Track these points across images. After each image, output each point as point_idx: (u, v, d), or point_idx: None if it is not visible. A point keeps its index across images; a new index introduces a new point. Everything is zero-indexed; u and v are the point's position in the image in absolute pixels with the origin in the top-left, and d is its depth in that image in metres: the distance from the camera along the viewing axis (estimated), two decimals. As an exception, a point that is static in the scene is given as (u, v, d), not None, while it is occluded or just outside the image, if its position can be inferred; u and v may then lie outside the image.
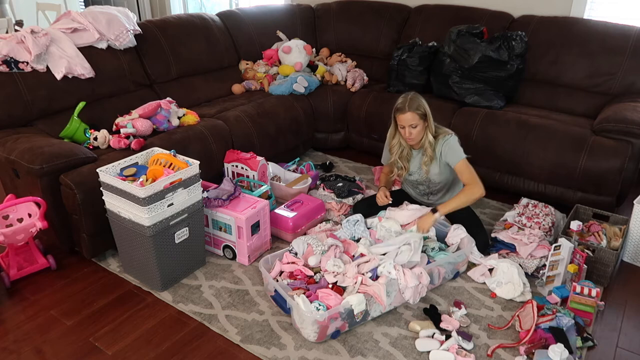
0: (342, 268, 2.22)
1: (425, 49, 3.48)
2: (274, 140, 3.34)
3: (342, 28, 4.12)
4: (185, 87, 3.43)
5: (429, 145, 2.51)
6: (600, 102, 3.15)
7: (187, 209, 2.28)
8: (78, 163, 2.39)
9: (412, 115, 2.43)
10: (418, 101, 2.45)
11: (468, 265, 2.47)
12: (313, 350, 2.00)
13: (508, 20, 3.51)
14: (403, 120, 2.46)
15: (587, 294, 2.10)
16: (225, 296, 2.30)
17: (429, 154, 2.52)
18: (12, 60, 2.64)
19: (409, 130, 2.46)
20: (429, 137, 2.50)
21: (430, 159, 2.54)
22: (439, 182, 2.64)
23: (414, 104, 2.43)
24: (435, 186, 2.68)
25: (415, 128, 2.46)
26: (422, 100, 2.47)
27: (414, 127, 2.46)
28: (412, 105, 2.43)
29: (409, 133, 2.47)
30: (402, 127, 2.49)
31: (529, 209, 2.73)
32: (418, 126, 2.46)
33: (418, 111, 2.43)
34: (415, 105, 2.43)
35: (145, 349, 2.02)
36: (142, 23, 3.32)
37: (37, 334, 2.10)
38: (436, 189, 2.69)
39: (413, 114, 2.43)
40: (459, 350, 1.94)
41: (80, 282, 2.42)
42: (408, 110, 2.42)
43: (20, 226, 2.33)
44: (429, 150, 2.52)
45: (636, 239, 2.53)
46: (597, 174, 2.74)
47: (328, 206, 2.90)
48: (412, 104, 2.43)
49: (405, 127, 2.47)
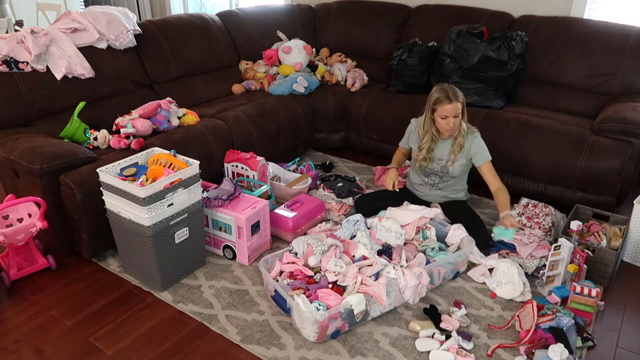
0: (344, 268, 2.22)
1: (425, 49, 3.48)
2: (274, 140, 3.34)
3: (342, 28, 4.12)
4: (185, 87, 3.43)
5: (462, 133, 2.56)
6: (600, 102, 3.15)
7: (187, 209, 2.28)
8: (78, 163, 2.39)
9: (457, 105, 2.48)
10: (459, 92, 2.52)
11: (468, 265, 2.47)
12: (313, 350, 2.00)
13: (508, 20, 3.51)
14: (449, 111, 2.49)
15: (587, 294, 2.10)
16: (225, 296, 2.30)
17: (460, 143, 2.57)
18: (12, 60, 2.64)
19: (453, 120, 2.50)
20: (463, 126, 2.56)
21: (460, 148, 2.58)
22: (457, 174, 2.68)
23: (458, 95, 2.49)
24: (449, 179, 2.71)
25: (457, 117, 2.51)
26: (459, 90, 2.53)
27: (457, 116, 2.50)
28: (457, 95, 2.49)
29: (452, 123, 2.51)
30: (444, 117, 2.52)
31: (529, 209, 2.73)
32: (459, 116, 2.52)
33: (461, 100, 2.50)
34: (459, 95, 2.50)
35: (145, 349, 2.02)
36: (142, 23, 3.32)
37: (37, 334, 2.10)
38: (447, 181, 2.72)
39: (458, 104, 2.48)
40: (459, 350, 1.94)
41: (80, 282, 2.42)
42: (454, 101, 2.47)
43: (20, 226, 2.33)
44: (461, 139, 2.57)
45: (636, 239, 2.53)
46: (597, 174, 2.74)
47: (328, 206, 2.90)
48: (456, 95, 2.49)
49: (448, 117, 2.50)
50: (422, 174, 2.80)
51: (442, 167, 2.67)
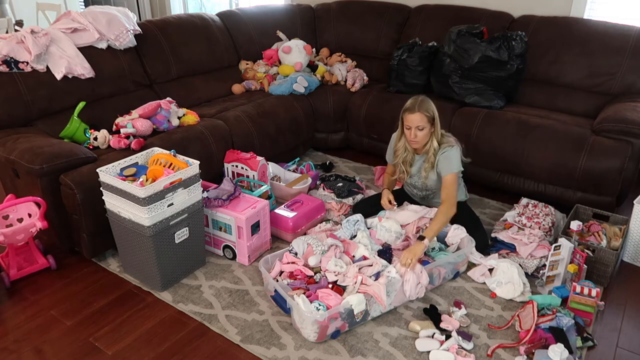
0: (344, 268, 2.22)
1: (425, 49, 3.48)
2: (274, 140, 3.34)
3: (342, 28, 4.12)
4: (185, 87, 3.43)
5: (433, 152, 2.49)
6: (600, 102, 3.15)
7: (187, 209, 2.28)
8: (78, 163, 2.39)
9: (421, 116, 2.41)
10: (428, 104, 2.44)
11: (468, 265, 2.47)
12: (313, 350, 2.00)
13: (508, 20, 3.51)
14: (410, 121, 2.44)
15: (587, 294, 2.10)
16: (225, 296, 2.30)
17: (431, 161, 2.51)
18: (12, 60, 2.64)
19: (415, 132, 2.44)
20: (434, 144, 2.48)
21: (431, 166, 2.52)
22: (435, 188, 2.63)
23: (423, 106, 2.42)
24: (432, 192, 2.68)
25: (421, 130, 2.44)
26: (431, 105, 2.45)
27: (421, 129, 2.44)
28: (422, 106, 2.42)
29: (414, 135, 2.45)
30: (408, 127, 2.46)
31: (529, 209, 2.73)
32: (425, 129, 2.44)
33: (427, 113, 2.42)
34: (424, 107, 2.42)
35: (145, 349, 2.02)
36: (142, 23, 3.32)
37: (37, 334, 2.10)
38: (432, 194, 2.69)
39: (422, 115, 2.41)
40: (459, 350, 1.94)
41: (80, 282, 2.42)
42: (417, 111, 2.41)
43: (20, 226, 2.33)
44: (432, 157, 2.50)
45: (636, 239, 2.53)
46: (597, 174, 2.74)
47: (328, 206, 2.90)
48: (422, 106, 2.42)
49: (411, 128, 2.45)
50: (410, 187, 2.77)
51: (422, 183, 2.64)
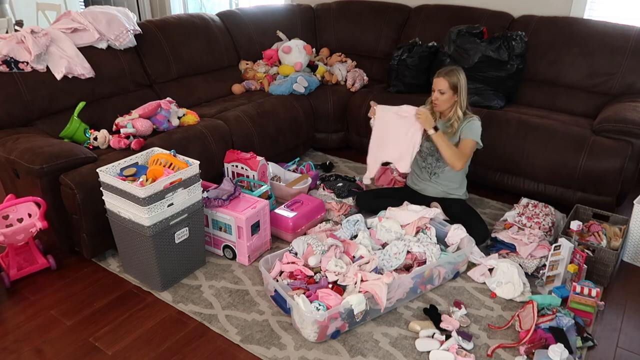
0: (344, 268, 2.23)
1: (425, 49, 3.48)
2: (274, 140, 3.34)
3: (342, 28, 4.12)
4: (185, 87, 3.43)
5: (457, 119, 2.61)
6: (600, 102, 3.15)
7: (187, 209, 2.28)
8: (78, 163, 2.39)
9: (444, 81, 2.56)
10: (456, 73, 2.58)
11: (468, 265, 2.47)
12: (313, 350, 2.00)
13: (508, 20, 3.51)
14: (435, 84, 2.60)
15: (587, 294, 2.10)
16: (225, 296, 2.30)
17: (454, 127, 2.62)
18: (12, 60, 2.64)
19: (437, 94, 2.60)
20: (457, 112, 2.61)
21: (453, 132, 2.63)
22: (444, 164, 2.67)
23: (450, 74, 2.57)
24: (444, 164, 2.70)
25: (443, 95, 2.59)
26: (460, 75, 2.58)
27: (442, 93, 2.58)
28: (448, 74, 2.57)
29: (435, 97, 2.61)
30: (433, 90, 2.62)
31: (529, 209, 2.73)
32: (446, 94, 2.58)
33: (450, 80, 2.56)
34: (450, 74, 2.57)
35: (145, 349, 2.02)
36: (142, 23, 3.32)
37: (37, 334, 2.10)
38: (443, 166, 2.72)
39: (444, 80, 2.56)
40: (459, 350, 1.94)
41: (80, 282, 2.42)
42: (441, 76, 2.57)
43: (20, 226, 2.33)
44: (455, 124, 2.62)
45: (636, 239, 2.53)
46: (597, 174, 2.74)
47: (328, 206, 2.90)
48: (449, 73, 2.57)
49: (435, 91, 2.60)
50: (420, 157, 2.80)
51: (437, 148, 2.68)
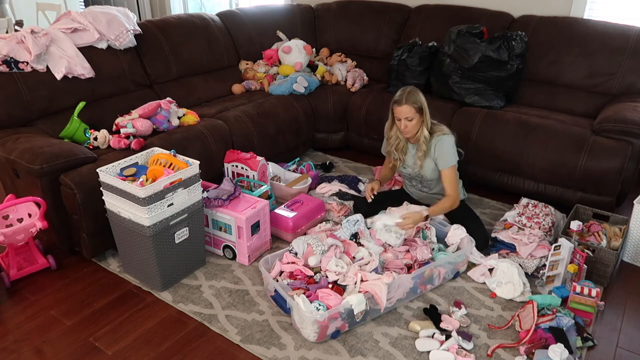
0: (344, 268, 2.23)
1: (425, 49, 3.48)
2: (274, 140, 3.34)
3: (342, 28, 4.12)
4: (185, 87, 3.43)
5: (424, 140, 2.55)
6: (600, 102, 3.15)
7: (187, 209, 2.28)
8: (78, 163, 2.39)
9: (409, 108, 2.47)
10: (415, 95, 2.49)
11: (468, 265, 2.47)
12: (313, 350, 2.00)
13: (508, 20, 3.51)
14: (399, 113, 2.50)
15: (587, 294, 2.10)
16: (225, 296, 2.30)
17: (423, 150, 2.56)
18: (12, 60, 2.64)
19: (405, 122, 2.51)
20: (424, 132, 2.54)
21: (424, 154, 2.57)
22: (431, 178, 2.66)
23: (411, 97, 2.47)
24: (428, 182, 2.69)
25: (410, 121, 2.50)
26: (419, 95, 2.51)
27: (410, 120, 2.49)
28: (410, 98, 2.47)
29: (404, 126, 2.52)
30: (398, 119, 2.54)
31: (529, 209, 2.73)
32: (414, 119, 2.50)
33: (415, 105, 2.47)
34: (412, 98, 2.47)
35: (145, 349, 2.02)
36: (142, 23, 3.32)
37: (37, 334, 2.10)
38: (429, 184, 2.71)
39: (410, 107, 2.47)
40: (459, 350, 1.94)
41: (80, 282, 2.42)
42: (405, 103, 2.47)
43: (20, 226, 2.33)
44: (423, 145, 2.56)
45: (636, 239, 2.53)
46: (597, 174, 2.74)
47: (328, 206, 2.90)
48: (410, 97, 2.47)
49: (401, 120, 2.51)
50: (406, 179, 2.82)
51: (417, 172, 2.66)
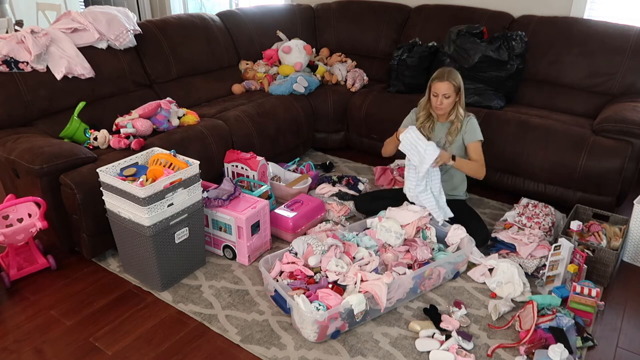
0: (345, 268, 2.23)
1: (425, 49, 3.48)
2: (274, 140, 3.34)
3: (342, 28, 4.12)
4: (185, 87, 3.43)
5: (458, 118, 2.64)
6: (600, 102, 3.15)
7: (187, 209, 2.28)
8: (78, 163, 2.39)
9: (449, 85, 2.56)
10: (455, 74, 2.60)
11: (468, 265, 2.47)
12: (313, 350, 2.00)
13: (508, 20, 3.51)
14: (438, 88, 2.58)
15: (587, 294, 2.10)
16: (225, 296, 2.30)
17: (457, 127, 2.65)
18: (12, 60, 2.64)
19: (442, 99, 2.58)
20: (459, 111, 2.64)
21: (457, 131, 2.65)
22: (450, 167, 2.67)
23: (452, 75, 2.58)
24: (447, 170, 2.71)
25: (447, 98, 2.58)
26: (459, 75, 2.61)
27: (447, 97, 2.58)
28: (450, 76, 2.57)
29: (440, 102, 2.59)
30: (435, 94, 2.61)
31: (529, 209, 2.73)
32: (450, 97, 2.59)
33: (455, 83, 2.57)
34: (452, 76, 2.58)
35: (145, 349, 2.02)
36: (142, 23, 3.32)
37: (37, 334, 2.10)
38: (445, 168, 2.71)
39: (449, 83, 2.56)
40: (459, 350, 1.94)
41: (80, 282, 2.42)
42: (446, 79, 2.56)
43: (20, 226, 2.33)
44: (457, 123, 2.65)
45: (636, 239, 2.53)
46: (597, 174, 2.74)
47: (328, 207, 2.90)
48: (451, 75, 2.58)
49: (438, 96, 2.59)
50: None
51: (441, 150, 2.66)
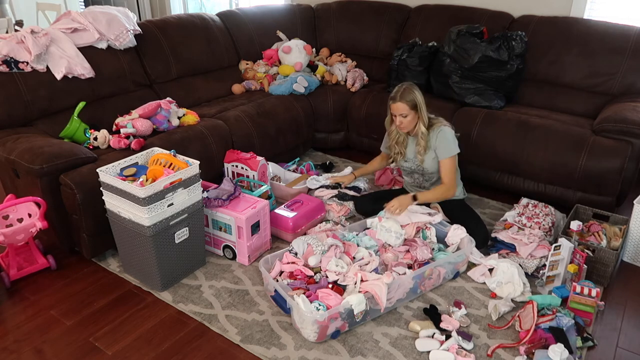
0: (345, 268, 2.23)
1: (425, 49, 3.48)
2: (274, 140, 3.34)
3: (342, 28, 4.12)
4: (185, 87, 3.43)
5: (422, 135, 2.59)
6: (600, 102, 3.15)
7: (187, 209, 2.28)
8: (78, 163, 2.39)
9: (403, 105, 2.52)
10: (410, 92, 2.53)
11: (468, 265, 2.47)
12: (313, 350, 2.00)
13: (508, 20, 3.51)
14: (394, 109, 2.57)
15: (587, 294, 2.10)
16: (225, 296, 2.30)
17: (422, 145, 2.61)
18: (12, 60, 2.64)
19: (400, 119, 2.57)
20: (421, 128, 2.59)
21: (424, 149, 2.62)
22: (432, 171, 2.69)
23: (405, 95, 2.52)
24: (430, 175, 2.71)
25: (405, 117, 2.55)
26: (414, 92, 2.54)
27: (404, 116, 2.55)
28: (404, 95, 2.52)
29: (399, 122, 2.58)
30: (393, 115, 2.59)
31: (529, 209, 2.73)
32: (408, 116, 2.55)
33: (409, 102, 2.52)
34: (406, 96, 2.52)
35: (145, 349, 2.02)
36: (142, 23, 3.32)
37: (37, 334, 2.10)
38: (431, 177, 2.73)
39: (403, 104, 2.52)
40: (459, 350, 1.94)
41: (80, 282, 2.42)
42: (399, 100, 2.52)
43: (20, 226, 2.33)
44: (421, 141, 2.61)
45: (636, 239, 2.53)
46: (597, 174, 2.74)
47: (328, 207, 2.90)
48: (404, 95, 2.52)
49: (396, 116, 2.57)
50: (406, 174, 2.84)
51: (417, 165, 2.70)
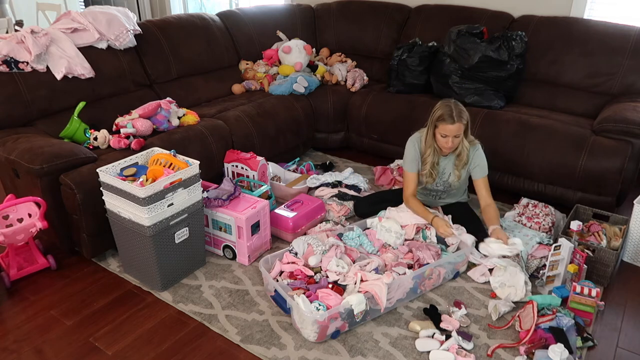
0: (345, 269, 2.23)
1: (425, 49, 3.48)
2: (274, 140, 3.34)
3: (342, 28, 4.12)
4: (185, 87, 3.43)
5: (465, 151, 2.50)
6: (600, 102, 3.15)
7: (187, 209, 2.28)
8: (78, 163, 2.39)
9: (459, 126, 2.39)
10: (463, 110, 2.41)
11: (468, 265, 2.47)
12: (313, 350, 2.00)
13: (508, 20, 3.51)
14: (449, 130, 2.40)
15: (587, 294, 2.10)
16: (225, 296, 2.30)
17: (464, 160, 2.51)
18: (12, 60, 2.64)
19: (452, 139, 2.42)
20: (465, 144, 2.49)
21: (464, 165, 2.53)
22: (459, 187, 2.67)
23: (461, 115, 2.39)
24: (454, 192, 2.69)
25: (457, 137, 2.43)
26: (464, 109, 2.43)
27: (457, 136, 2.43)
28: (460, 116, 2.39)
29: (451, 142, 2.43)
30: (444, 135, 2.43)
31: (529, 209, 2.73)
32: (460, 135, 2.44)
33: (464, 121, 2.40)
34: (463, 115, 2.40)
35: (145, 349, 2.02)
36: (142, 23, 3.32)
37: (37, 334, 2.10)
38: (453, 193, 2.71)
39: (460, 125, 2.38)
40: (459, 350, 1.94)
41: (80, 282, 2.42)
42: (457, 122, 2.37)
43: (20, 226, 2.33)
44: (464, 157, 2.51)
45: (636, 239, 2.53)
46: (597, 174, 2.74)
47: (328, 207, 2.90)
48: (460, 115, 2.39)
49: (448, 137, 2.42)
50: (427, 191, 2.72)
51: (444, 182, 2.63)
